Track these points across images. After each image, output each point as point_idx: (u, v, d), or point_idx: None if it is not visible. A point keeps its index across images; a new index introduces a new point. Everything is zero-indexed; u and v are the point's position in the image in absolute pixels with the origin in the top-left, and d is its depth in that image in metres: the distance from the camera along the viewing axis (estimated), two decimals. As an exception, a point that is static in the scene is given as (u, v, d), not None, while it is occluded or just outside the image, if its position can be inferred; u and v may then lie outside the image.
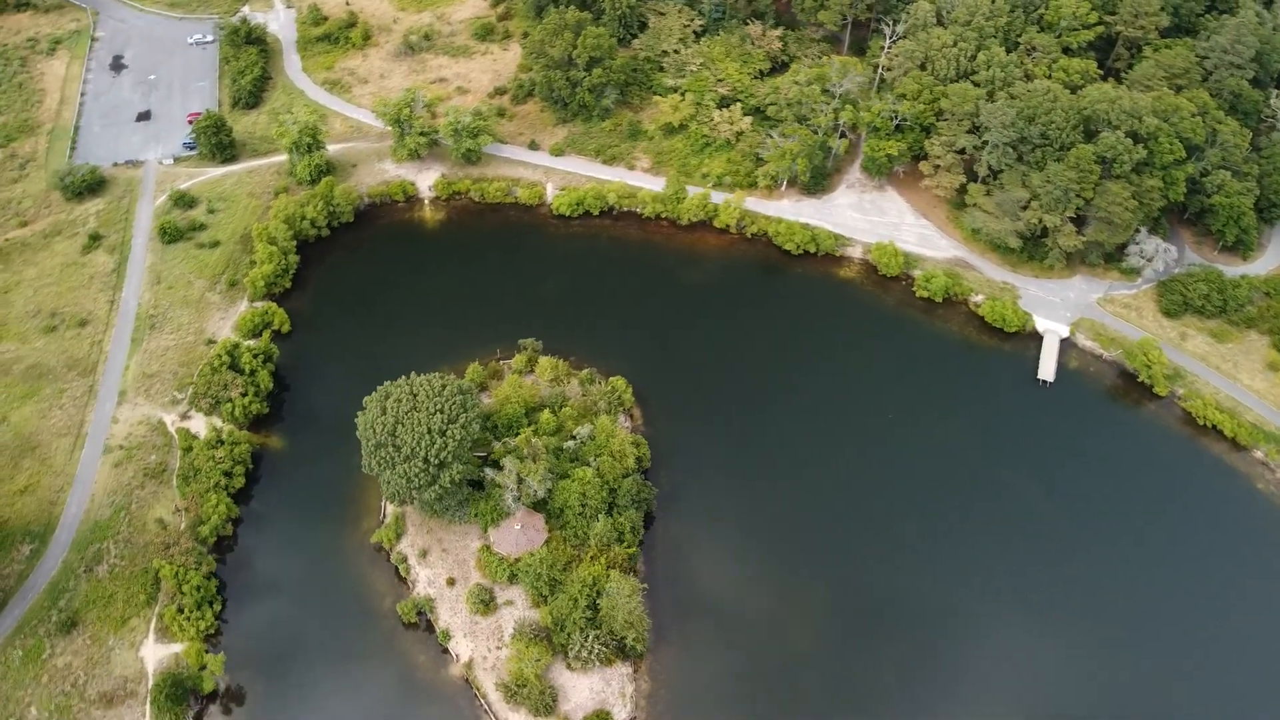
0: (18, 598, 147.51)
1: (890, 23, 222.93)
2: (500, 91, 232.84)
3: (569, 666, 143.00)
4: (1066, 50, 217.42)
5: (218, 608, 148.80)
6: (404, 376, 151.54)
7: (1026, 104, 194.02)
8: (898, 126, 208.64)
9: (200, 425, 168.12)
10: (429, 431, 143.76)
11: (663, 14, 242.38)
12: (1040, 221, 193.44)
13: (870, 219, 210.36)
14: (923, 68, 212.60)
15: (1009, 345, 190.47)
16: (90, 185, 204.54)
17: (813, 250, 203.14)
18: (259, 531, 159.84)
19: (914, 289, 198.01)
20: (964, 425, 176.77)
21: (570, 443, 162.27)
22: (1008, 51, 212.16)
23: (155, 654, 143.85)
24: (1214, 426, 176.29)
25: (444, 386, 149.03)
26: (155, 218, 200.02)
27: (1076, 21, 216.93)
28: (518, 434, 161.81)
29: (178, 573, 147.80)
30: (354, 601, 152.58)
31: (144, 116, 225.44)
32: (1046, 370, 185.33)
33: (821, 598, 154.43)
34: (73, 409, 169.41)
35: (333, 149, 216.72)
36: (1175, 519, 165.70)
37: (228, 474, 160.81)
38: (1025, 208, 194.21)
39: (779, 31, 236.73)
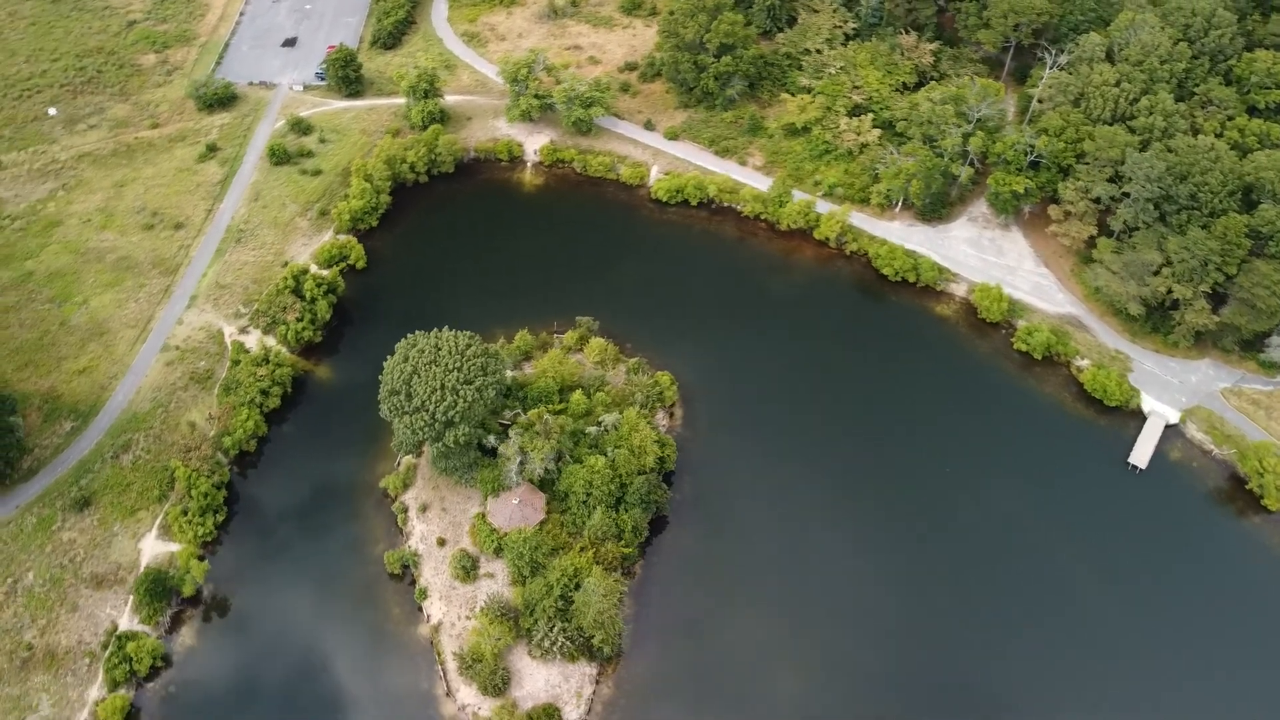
0: (48, 469, 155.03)
1: (1054, 52, 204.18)
2: (630, 67, 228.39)
3: (530, 653, 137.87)
4: (1252, 110, 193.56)
5: (220, 518, 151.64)
6: (435, 329, 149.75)
7: (1181, 159, 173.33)
8: (1033, 163, 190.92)
9: (254, 342, 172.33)
10: (441, 387, 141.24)
11: (816, 11, 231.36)
12: (1169, 291, 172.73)
13: (985, 257, 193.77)
14: (1076, 104, 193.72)
15: (1104, 420, 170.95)
16: (222, 100, 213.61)
17: (911, 279, 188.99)
18: (280, 453, 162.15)
19: (1012, 340, 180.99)
20: (1032, 497, 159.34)
21: (593, 429, 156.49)
22: (1177, 100, 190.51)
23: (153, 549, 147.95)
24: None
25: (469, 346, 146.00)
26: (270, 139, 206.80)
27: (1270, 79, 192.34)
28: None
29: (190, 476, 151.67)
30: (347, 540, 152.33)
31: (289, 43, 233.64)
32: (1141, 455, 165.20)
33: (824, 646, 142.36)
34: (146, 304, 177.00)
35: (454, 100, 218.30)
36: (1260, 650, 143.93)
37: (264, 392, 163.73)
38: (1155, 273, 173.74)
39: (934, 46, 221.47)
